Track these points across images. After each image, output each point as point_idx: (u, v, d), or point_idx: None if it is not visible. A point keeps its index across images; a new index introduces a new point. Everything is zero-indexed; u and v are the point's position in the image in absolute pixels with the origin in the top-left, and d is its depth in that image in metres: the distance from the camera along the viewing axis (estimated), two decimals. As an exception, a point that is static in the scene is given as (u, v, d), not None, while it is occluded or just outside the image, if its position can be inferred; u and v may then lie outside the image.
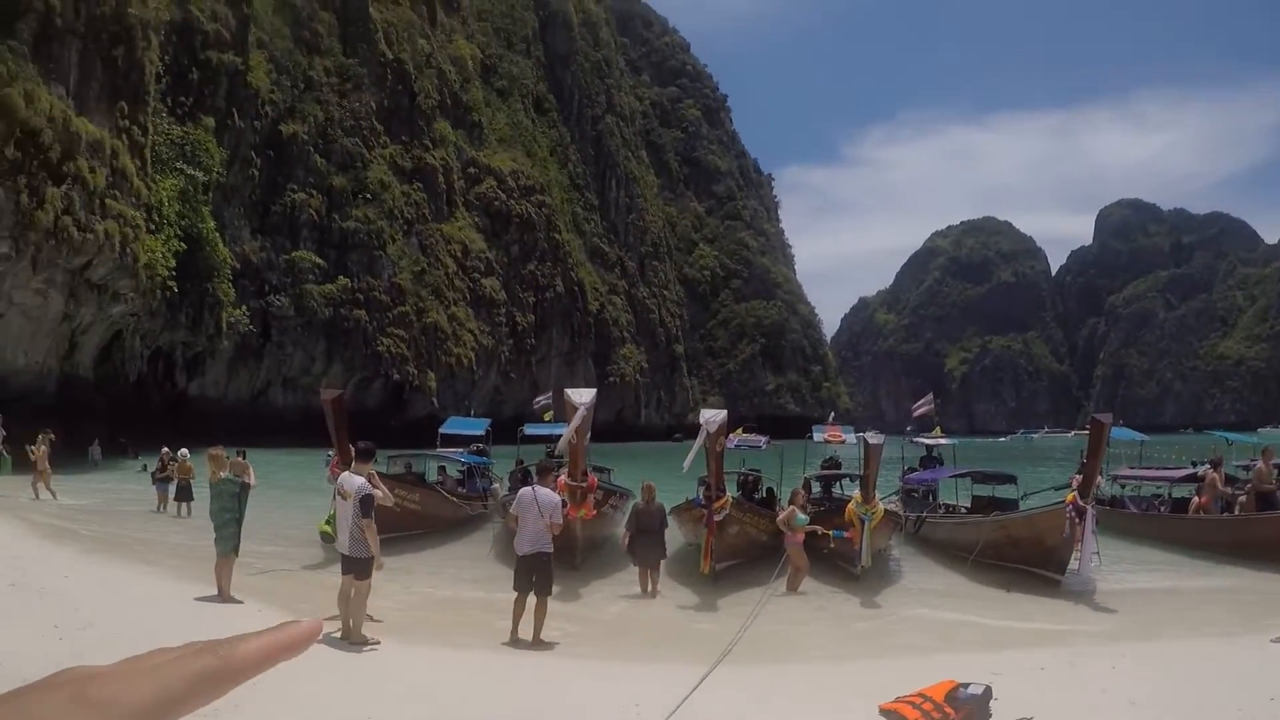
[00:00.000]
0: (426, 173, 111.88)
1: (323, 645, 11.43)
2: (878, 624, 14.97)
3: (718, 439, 16.28)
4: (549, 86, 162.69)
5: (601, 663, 11.66)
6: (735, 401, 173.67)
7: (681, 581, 17.83)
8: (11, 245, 41.50)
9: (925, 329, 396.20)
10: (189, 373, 73.01)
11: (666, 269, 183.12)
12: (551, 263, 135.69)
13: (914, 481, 27.34)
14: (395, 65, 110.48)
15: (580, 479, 16.42)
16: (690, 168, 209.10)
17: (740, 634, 11.59)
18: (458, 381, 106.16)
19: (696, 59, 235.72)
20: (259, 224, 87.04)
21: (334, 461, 16.55)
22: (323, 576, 16.69)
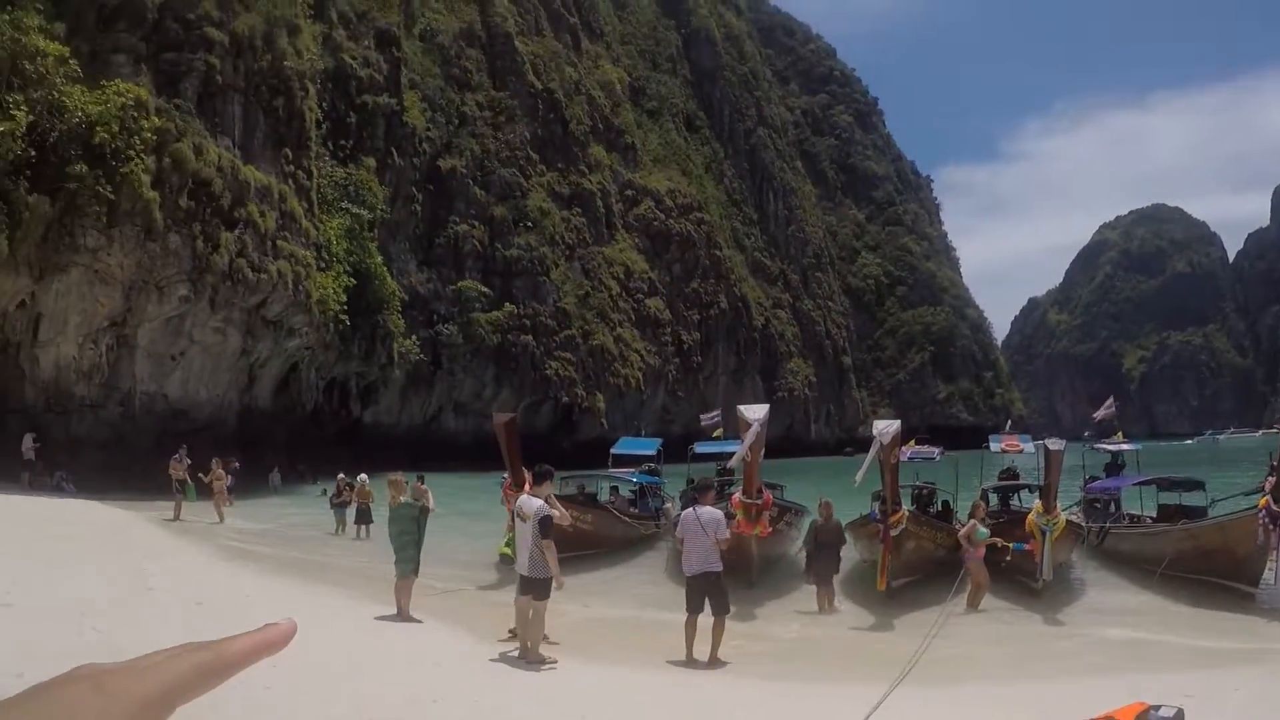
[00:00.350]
0: (584, 197, 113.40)
1: (502, 664, 12.02)
2: (1060, 642, 14.61)
3: (892, 451, 15.94)
4: (698, 104, 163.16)
5: (776, 683, 11.68)
6: (906, 412, 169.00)
7: (858, 599, 17.72)
8: (190, 288, 43.94)
9: (1099, 327, 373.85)
10: (363, 401, 75.41)
11: (830, 279, 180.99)
12: (714, 279, 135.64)
13: (1096, 490, 26.59)
14: (545, 95, 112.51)
15: (755, 496, 16.01)
16: (847, 175, 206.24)
17: (919, 654, 11.36)
18: (626, 402, 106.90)
19: (843, 64, 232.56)
20: (424, 256, 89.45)
21: (507, 483, 17.01)
22: (496, 596, 17.21)
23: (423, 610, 15.10)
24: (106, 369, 42.18)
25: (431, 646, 12.80)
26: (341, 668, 10.80)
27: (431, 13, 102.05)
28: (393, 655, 11.97)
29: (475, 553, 23.42)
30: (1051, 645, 14.35)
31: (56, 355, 39.77)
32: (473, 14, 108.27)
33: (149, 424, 43.59)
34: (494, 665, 12.05)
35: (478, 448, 61.85)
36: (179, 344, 45.97)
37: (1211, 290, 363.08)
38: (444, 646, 13.07)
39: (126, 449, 41.11)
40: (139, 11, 43.75)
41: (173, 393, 46.50)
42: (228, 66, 48.31)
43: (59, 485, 34.82)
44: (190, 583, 16.14)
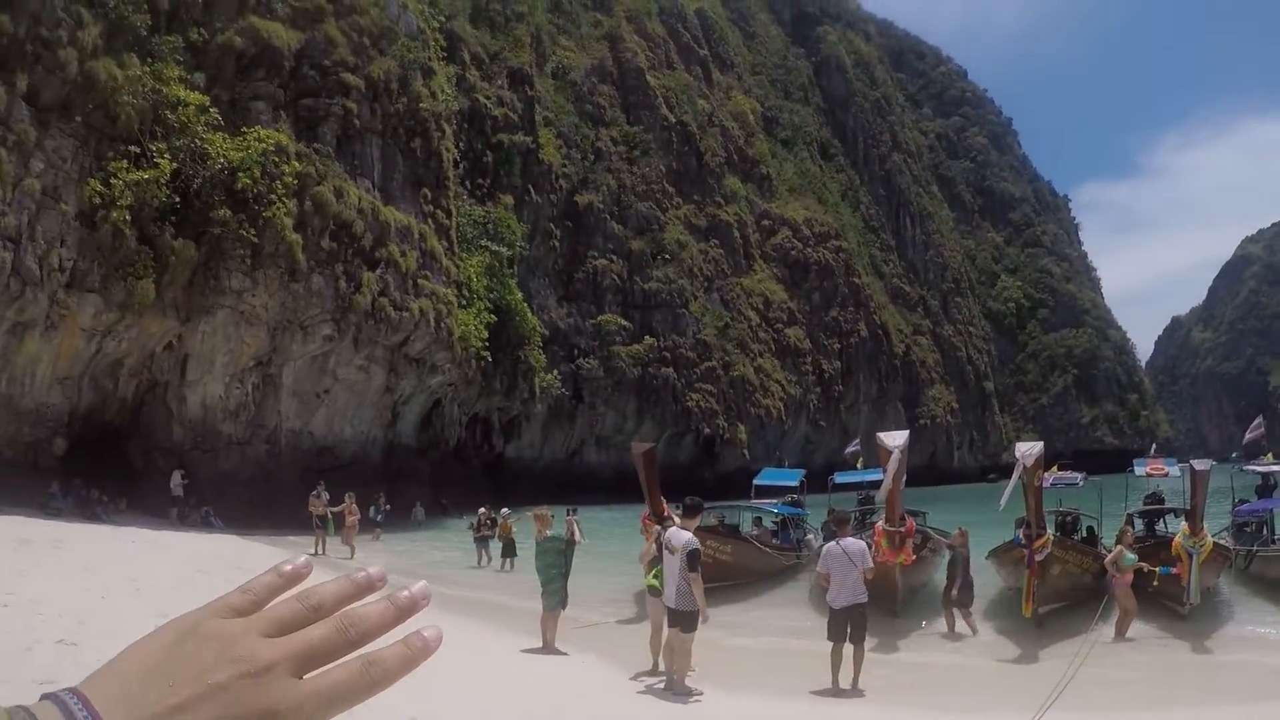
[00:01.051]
0: (721, 229, 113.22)
1: (648, 695, 12.05)
2: (1210, 669, 14.23)
3: (1035, 473, 15.72)
4: (831, 131, 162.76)
5: (923, 712, 11.65)
6: (1050, 436, 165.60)
7: (1004, 627, 17.50)
8: (334, 327, 44.65)
9: (1246, 344, 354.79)
10: (505, 436, 75.84)
11: (970, 304, 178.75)
12: (853, 307, 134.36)
13: (1245, 513, 25.63)
14: (679, 128, 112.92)
15: (898, 523, 16.26)
16: (983, 197, 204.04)
17: (1065, 683, 11.11)
18: (768, 432, 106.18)
19: (975, 85, 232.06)
20: (564, 291, 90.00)
21: (646, 514, 17.46)
22: (637, 629, 16.88)
23: (567, 642, 15.16)
24: (253, 407, 43.07)
25: (577, 677, 12.88)
26: (489, 699, 10.88)
27: (563, 50, 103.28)
28: (540, 686, 11.97)
29: (616, 586, 23.41)
30: (1201, 672, 14.02)
31: (204, 394, 40.75)
32: (603, 50, 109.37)
33: (294, 460, 44.34)
34: (640, 696, 12.02)
35: (619, 481, 61.75)
36: (323, 382, 46.73)
37: None
38: (589, 678, 13.13)
39: (272, 485, 41.87)
40: (276, 60, 44.86)
41: (317, 430, 47.29)
42: (365, 110, 49.25)
43: (206, 520, 35.53)
44: None
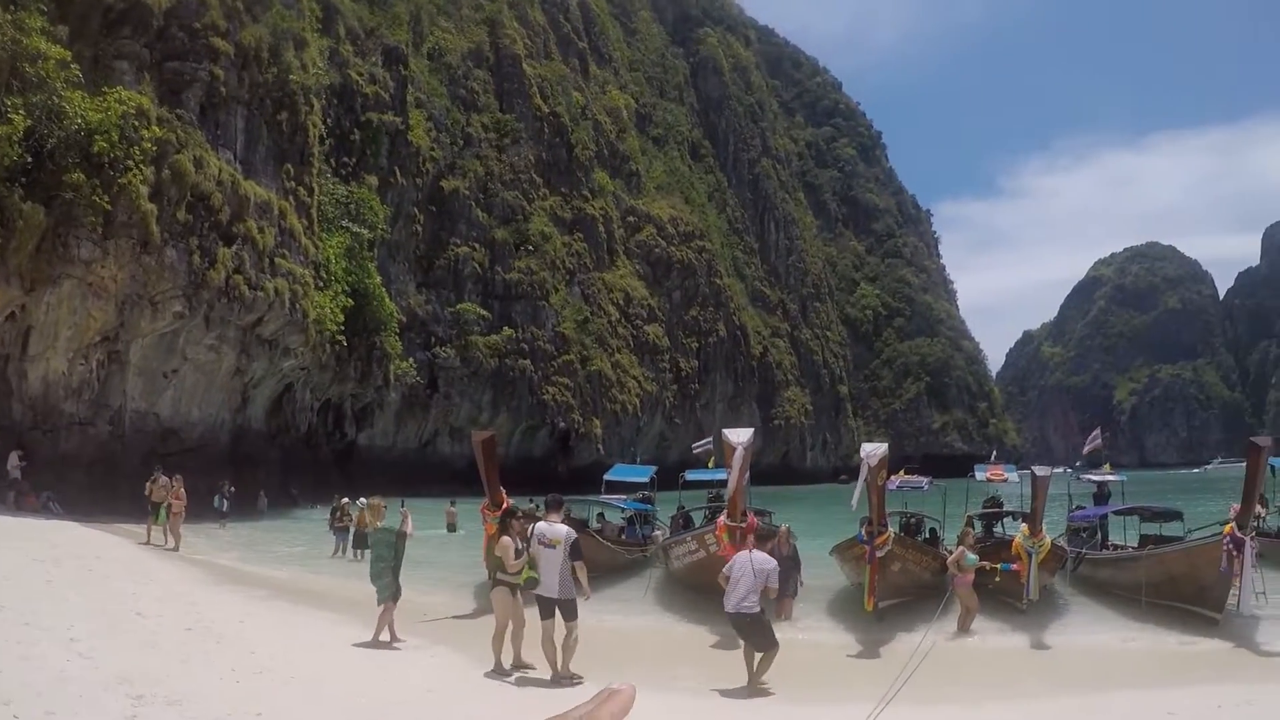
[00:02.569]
0: (586, 222, 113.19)
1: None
2: (1047, 663, 14.79)
3: (879, 473, 15.98)
4: (703, 132, 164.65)
5: (764, 702, 11.74)
6: (901, 441, 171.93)
7: (846, 621, 17.74)
8: (185, 304, 42.87)
9: (1092, 360, 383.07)
10: (358, 424, 74.31)
11: (828, 310, 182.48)
12: (713, 307, 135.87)
13: (1079, 519, 26.42)
14: (552, 119, 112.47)
15: (740, 519, 16.28)
16: (848, 207, 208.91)
17: (908, 674, 11.28)
18: (623, 428, 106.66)
19: (849, 97, 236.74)
20: (424, 278, 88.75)
21: (485, 504, 16.68)
22: (482, 621, 16.64)
23: (409, 634, 15.01)
24: (97, 385, 41.06)
25: (413, 672, 12.72)
26: (335, 694, 10.87)
27: (441, 32, 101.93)
28: (390, 680, 11.91)
29: (463, 577, 23.38)
30: (1038, 665, 14.65)
31: (46, 370, 38.62)
32: (482, 35, 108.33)
33: (139, 443, 42.44)
34: (497, 690, 12.13)
35: (473, 472, 60.53)
36: (172, 361, 44.91)
37: (1202, 326, 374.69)
38: (442, 671, 13.06)
39: (115, 469, 39.94)
40: (145, 18, 42.75)
41: (164, 411, 45.44)
42: (232, 78, 47.43)
43: (45, 506, 33.69)
44: (179, 608, 15.91)
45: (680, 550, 19.75)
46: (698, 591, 18.81)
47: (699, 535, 18.80)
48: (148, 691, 9.47)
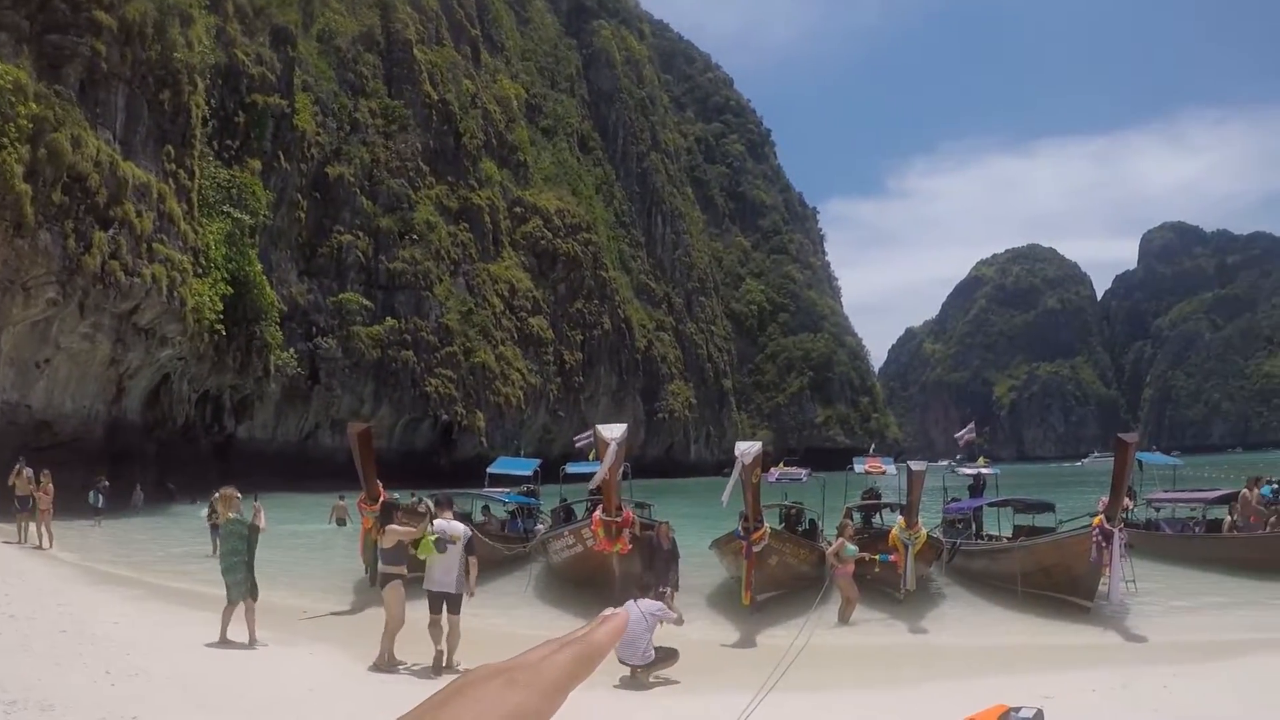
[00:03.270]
0: (473, 213, 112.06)
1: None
2: (924, 650, 15.14)
3: (753, 471, 16.18)
4: (594, 125, 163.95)
5: (644, 694, 11.82)
6: (784, 435, 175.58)
7: (726, 613, 17.92)
8: (59, 290, 41.18)
9: (973, 357, 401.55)
10: (236, 416, 72.39)
11: (713, 304, 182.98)
12: (599, 300, 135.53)
13: (953, 511, 27.08)
14: (440, 106, 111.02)
15: (615, 514, 16.43)
16: (736, 203, 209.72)
17: (788, 662, 10.96)
18: (506, 421, 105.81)
19: (740, 94, 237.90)
20: (306, 266, 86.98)
21: (362, 498, 16.65)
22: (362, 617, 17.06)
23: (295, 632, 15.03)
24: (-37, 375, 39.15)
25: (286, 671, 12.59)
26: (209, 695, 10.77)
27: (332, 13, 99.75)
28: (267, 680, 11.79)
29: (337, 572, 23.28)
30: (915, 652, 14.93)
31: (-91, 358, 36.70)
32: (374, 18, 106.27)
33: (10, 437, 40.40)
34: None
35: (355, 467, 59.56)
36: (44, 350, 43.14)
37: (1080, 325, 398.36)
38: (322, 669, 12.92)
39: (-18, 463, 38.09)
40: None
41: (36, 403, 43.63)
42: (114, 54, 45.69)
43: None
44: (52, 610, 15.61)
45: (559, 545, 19.89)
46: (578, 585, 19.12)
47: (576, 530, 18.83)
48: (21, 697, 9.35)
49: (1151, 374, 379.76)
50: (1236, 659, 12.84)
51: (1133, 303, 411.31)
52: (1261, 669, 12.20)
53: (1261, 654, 13.22)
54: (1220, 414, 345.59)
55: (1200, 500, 27.56)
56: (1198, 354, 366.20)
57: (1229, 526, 24.40)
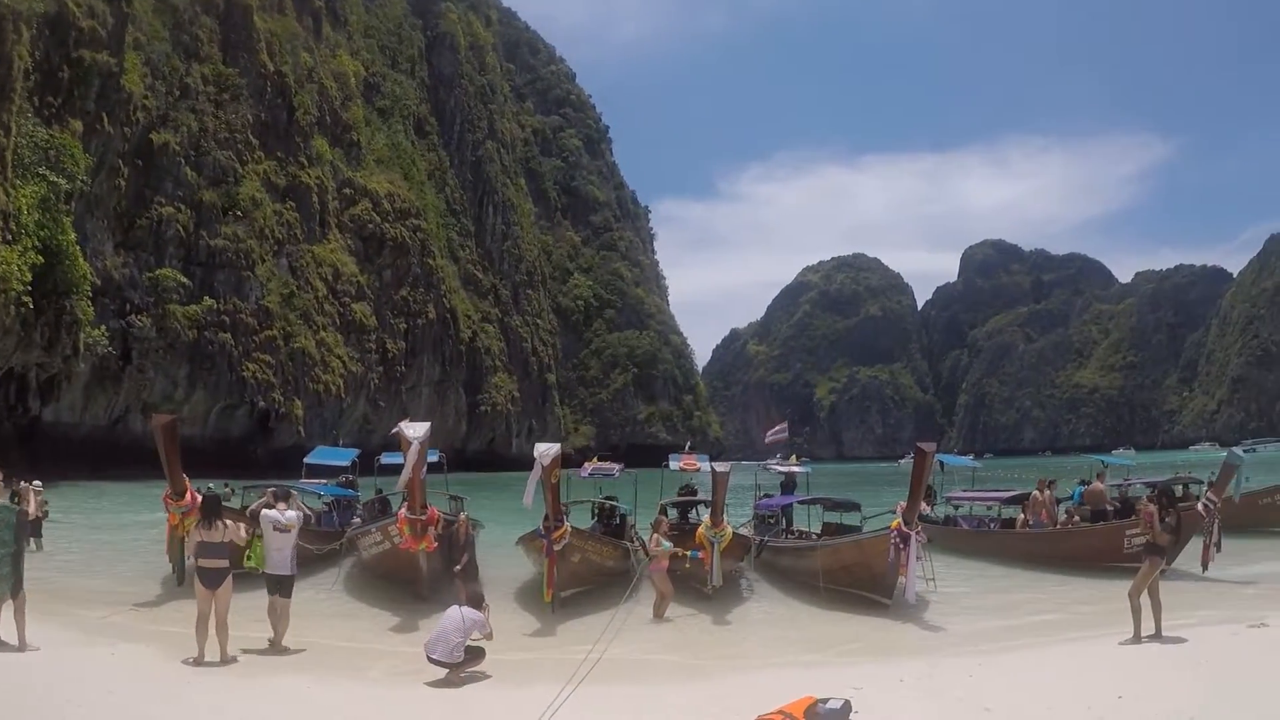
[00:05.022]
0: (300, 191, 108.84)
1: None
2: (734, 644, 15.48)
3: (552, 471, 16.63)
4: (431, 109, 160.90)
5: (452, 689, 11.62)
6: (607, 431, 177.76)
7: (532, 609, 18.00)
8: None
9: (795, 360, 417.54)
10: (42, 397, 67.73)
11: (540, 298, 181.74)
12: (424, 289, 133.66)
13: (764, 507, 27.75)
14: (276, 77, 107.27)
15: (420, 512, 16.57)
16: (568, 197, 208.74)
17: (596, 656, 11.99)
18: (325, 410, 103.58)
19: (581, 89, 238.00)
20: (123, 238, 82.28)
21: (167, 492, 16.37)
22: (166, 610, 16.81)
23: (93, 630, 14.48)
24: None
25: (110, 669, 12.04)
26: None
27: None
28: (62, 682, 11.04)
29: (141, 566, 22.63)
30: (725, 646, 15.17)
31: None
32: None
33: None
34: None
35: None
36: None
37: (900, 333, 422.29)
38: (124, 669, 12.19)
39: None
40: None
41: None
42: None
43: None
44: None
45: (367, 541, 19.95)
46: (387, 581, 19.26)
47: (383, 527, 18.90)
48: None
49: (967, 381, 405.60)
50: (1033, 647, 13.70)
51: (951, 313, 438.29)
52: (1056, 656, 12.86)
53: (1055, 642, 14.00)
54: (1031, 420, 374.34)
55: (996, 499, 29.26)
56: (1011, 364, 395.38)
57: (1021, 524, 25.89)
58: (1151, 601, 13.40)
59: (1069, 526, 24.27)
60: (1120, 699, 9.83)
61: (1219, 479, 19.36)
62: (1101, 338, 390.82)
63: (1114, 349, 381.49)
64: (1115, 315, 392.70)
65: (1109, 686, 10.36)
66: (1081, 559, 21.91)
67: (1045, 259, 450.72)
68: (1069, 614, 16.89)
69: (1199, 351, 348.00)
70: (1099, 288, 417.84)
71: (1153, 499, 14.50)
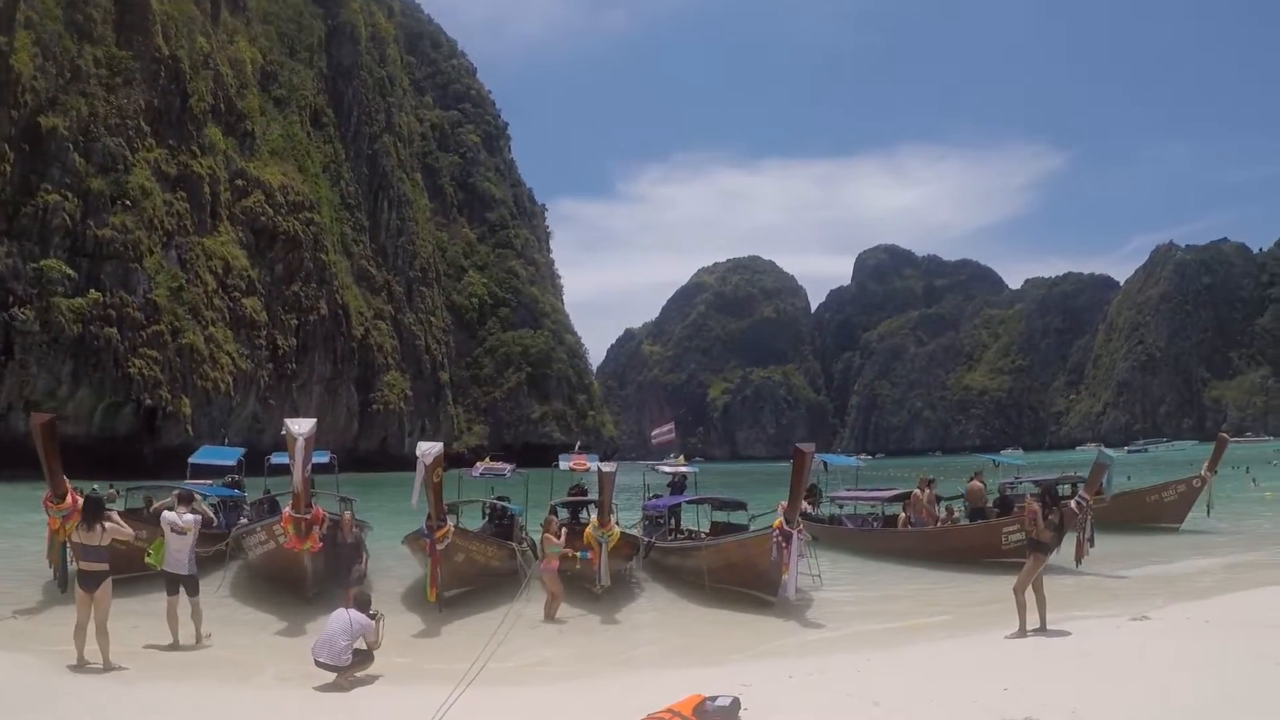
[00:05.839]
0: (192, 181, 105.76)
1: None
2: (623, 644, 15.63)
3: (434, 470, 16.60)
4: (329, 100, 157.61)
5: (335, 692, 11.48)
6: (500, 430, 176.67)
7: (418, 610, 17.89)
8: None
9: (690, 360, 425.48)
10: (-84, 395, 64.61)
11: (434, 295, 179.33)
12: (317, 284, 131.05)
13: (651, 508, 27.97)
14: (170, 62, 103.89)
15: (304, 511, 16.37)
16: (465, 193, 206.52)
17: (487, 658, 11.93)
18: (214, 408, 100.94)
19: (481, 84, 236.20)
20: (6, 227, 79.30)
21: (47, 495, 15.25)
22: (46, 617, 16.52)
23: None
24: None
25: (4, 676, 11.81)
26: None
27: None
28: None
29: (21, 571, 22.08)
30: (614, 645, 15.41)
31: None
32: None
33: None
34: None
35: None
36: None
37: (793, 335, 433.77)
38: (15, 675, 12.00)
39: None
40: None
41: None
42: None
43: None
44: None
45: (252, 541, 19.70)
46: (273, 583, 19.05)
47: (268, 526, 18.59)
48: None
49: (859, 383, 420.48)
50: (921, 642, 13.87)
51: (845, 316, 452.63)
52: (943, 650, 13.06)
53: (942, 637, 14.35)
54: (922, 421, 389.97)
55: (878, 498, 30.06)
56: (903, 366, 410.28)
57: (903, 522, 26.60)
58: (1036, 596, 13.89)
59: (948, 524, 25.19)
60: (1006, 691, 9.95)
61: (1090, 477, 20.48)
62: (991, 341, 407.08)
63: (1003, 353, 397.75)
64: (1005, 320, 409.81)
65: (995, 679, 10.55)
66: (962, 555, 22.68)
67: (938, 264, 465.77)
68: (955, 609, 17.33)
69: (1086, 356, 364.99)
70: (990, 293, 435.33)
71: (1036, 497, 15.09)
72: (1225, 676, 10.50)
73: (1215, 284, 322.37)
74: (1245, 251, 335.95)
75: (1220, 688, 9.99)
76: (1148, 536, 27.96)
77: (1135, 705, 9.36)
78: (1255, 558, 23.00)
